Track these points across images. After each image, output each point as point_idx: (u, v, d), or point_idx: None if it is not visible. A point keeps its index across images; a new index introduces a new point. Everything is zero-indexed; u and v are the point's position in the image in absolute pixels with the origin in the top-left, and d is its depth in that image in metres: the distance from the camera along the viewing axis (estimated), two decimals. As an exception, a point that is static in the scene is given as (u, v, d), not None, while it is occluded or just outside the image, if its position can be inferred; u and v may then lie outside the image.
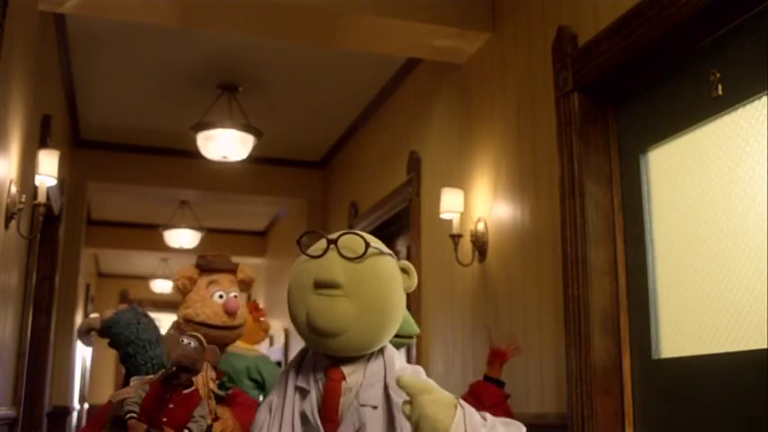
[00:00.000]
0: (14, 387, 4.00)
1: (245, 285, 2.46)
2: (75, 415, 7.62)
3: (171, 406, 1.76)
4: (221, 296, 2.33)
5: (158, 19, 3.94)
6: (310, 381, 1.39)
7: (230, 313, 2.31)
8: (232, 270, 2.45)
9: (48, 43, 4.25)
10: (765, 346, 2.21)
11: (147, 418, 1.73)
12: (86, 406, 10.50)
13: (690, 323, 2.55)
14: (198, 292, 2.34)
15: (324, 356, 1.40)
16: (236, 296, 2.36)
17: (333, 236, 1.39)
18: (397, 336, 1.95)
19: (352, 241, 1.38)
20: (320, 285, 1.34)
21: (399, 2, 3.84)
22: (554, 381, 3.09)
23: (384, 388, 1.36)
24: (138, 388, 1.75)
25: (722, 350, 2.39)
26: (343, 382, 1.36)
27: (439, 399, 1.21)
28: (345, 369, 1.37)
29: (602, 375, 2.80)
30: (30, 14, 3.55)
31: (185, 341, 1.76)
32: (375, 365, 1.39)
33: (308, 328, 1.35)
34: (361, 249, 1.37)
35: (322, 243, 1.40)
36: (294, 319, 1.39)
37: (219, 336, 2.30)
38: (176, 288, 2.35)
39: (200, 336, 1.83)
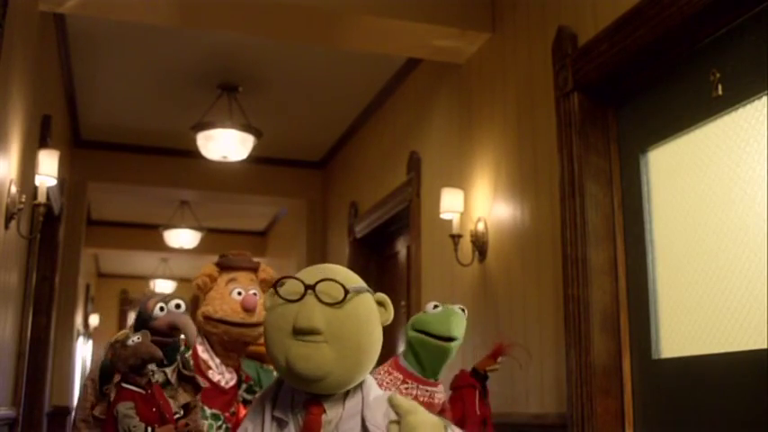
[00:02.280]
0: (14, 387, 3.99)
1: (267, 285, 2.45)
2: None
3: (162, 402, 1.77)
4: (240, 293, 2.33)
5: (158, 19, 3.94)
6: (288, 412, 1.38)
7: (248, 310, 2.30)
8: (252, 268, 2.45)
9: (48, 43, 4.25)
10: (765, 346, 2.21)
11: (156, 420, 1.73)
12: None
13: (690, 323, 2.55)
14: (217, 289, 2.35)
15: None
16: (255, 293, 2.35)
17: (310, 281, 1.36)
18: (433, 336, 1.93)
19: (330, 287, 1.36)
20: (300, 333, 1.32)
21: (399, 2, 3.83)
22: (554, 381, 3.09)
23: (361, 420, 1.36)
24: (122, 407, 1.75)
25: (722, 350, 2.39)
26: (323, 416, 1.36)
27: (427, 420, 1.21)
28: (325, 403, 1.37)
29: (602, 375, 2.80)
30: (30, 14, 3.55)
31: (133, 341, 1.77)
32: (354, 398, 1.39)
33: (288, 373, 1.34)
34: (341, 295, 1.35)
35: (299, 287, 1.37)
36: (273, 359, 1.38)
37: (238, 333, 2.30)
38: (196, 286, 2.35)
39: (144, 332, 1.83)
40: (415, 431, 1.19)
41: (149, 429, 1.73)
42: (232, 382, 2.34)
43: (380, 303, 1.42)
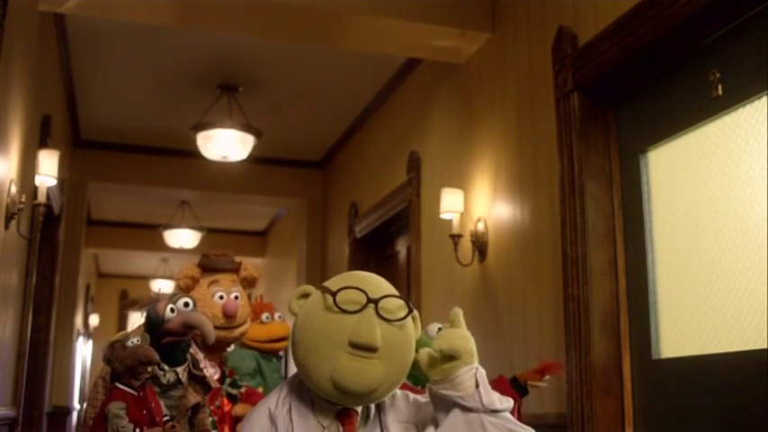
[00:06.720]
0: (14, 387, 3.99)
1: (249, 283, 2.48)
2: (75, 415, 7.62)
3: (153, 404, 1.78)
4: (222, 297, 2.35)
5: (158, 19, 3.94)
6: (312, 429, 1.33)
7: (229, 316, 2.33)
8: (234, 269, 2.46)
9: (48, 43, 4.25)
10: (765, 346, 2.21)
11: (146, 422, 1.73)
12: (86, 406, 10.48)
13: (690, 323, 2.55)
14: (199, 290, 2.37)
15: (327, 402, 1.35)
16: (236, 297, 2.37)
17: (373, 294, 1.32)
18: None
19: (391, 303, 1.33)
20: (358, 348, 1.28)
21: (399, 2, 3.84)
22: (554, 381, 3.08)
23: (379, 422, 1.37)
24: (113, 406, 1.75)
25: (722, 350, 2.39)
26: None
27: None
28: (357, 409, 1.36)
29: (602, 375, 2.80)
30: (30, 14, 3.55)
31: (132, 343, 1.77)
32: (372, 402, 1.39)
33: (332, 385, 1.29)
34: (402, 312, 1.33)
35: (357, 297, 1.31)
36: (309, 369, 1.31)
37: (219, 336, 2.31)
38: (178, 287, 2.37)
39: (144, 335, 1.84)
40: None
41: (138, 431, 1.73)
42: (216, 376, 2.36)
43: (413, 319, 1.39)
